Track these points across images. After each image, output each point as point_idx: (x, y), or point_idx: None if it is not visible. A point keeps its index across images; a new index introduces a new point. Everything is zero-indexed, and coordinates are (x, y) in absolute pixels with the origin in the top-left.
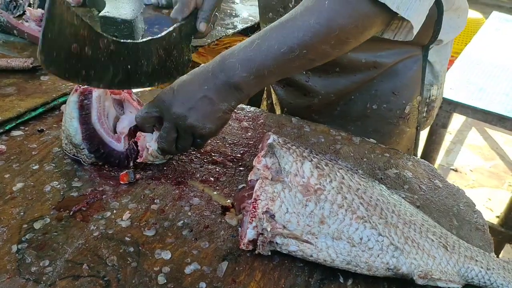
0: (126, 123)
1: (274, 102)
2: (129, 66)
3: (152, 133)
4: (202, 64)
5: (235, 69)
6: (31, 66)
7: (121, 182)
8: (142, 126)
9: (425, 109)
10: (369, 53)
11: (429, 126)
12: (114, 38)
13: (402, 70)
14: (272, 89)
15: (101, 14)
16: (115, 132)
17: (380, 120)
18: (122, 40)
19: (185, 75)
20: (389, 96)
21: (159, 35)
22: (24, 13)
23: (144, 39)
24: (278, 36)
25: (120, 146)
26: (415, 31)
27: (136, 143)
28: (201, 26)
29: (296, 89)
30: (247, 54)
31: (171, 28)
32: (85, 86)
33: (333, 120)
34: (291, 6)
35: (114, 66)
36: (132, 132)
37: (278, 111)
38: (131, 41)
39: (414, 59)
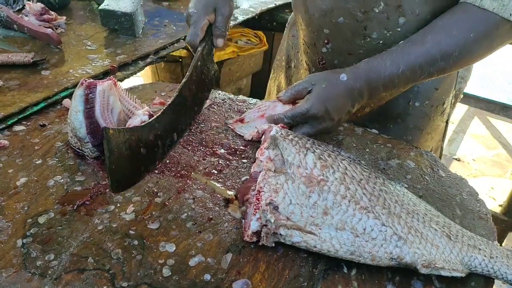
0: (137, 121)
1: None
2: (173, 129)
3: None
4: (343, 78)
5: (378, 91)
6: (31, 61)
7: None
8: (287, 124)
9: (454, 101)
10: None
11: None
12: (156, 115)
13: None
14: None
15: (101, 7)
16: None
17: (421, 116)
18: (161, 112)
19: (327, 89)
20: (432, 92)
21: (188, 74)
22: (23, 7)
23: (176, 92)
24: (424, 65)
25: None
26: None
27: None
28: (219, 43)
29: None
30: (393, 80)
31: (194, 60)
32: (91, 80)
33: (373, 117)
34: (377, 10)
35: (162, 140)
36: None
37: None
38: (168, 104)
39: None
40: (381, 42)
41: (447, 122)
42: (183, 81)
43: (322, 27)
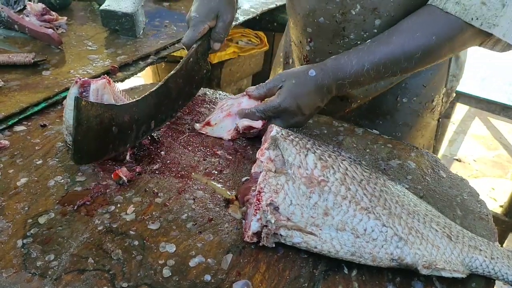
0: None
1: None
2: (151, 116)
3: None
4: (312, 73)
5: (345, 87)
6: (32, 61)
7: (113, 178)
8: (258, 118)
9: (446, 99)
10: None
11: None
12: (136, 99)
13: None
14: None
15: (101, 7)
16: None
17: (409, 113)
18: (141, 97)
19: (297, 85)
20: (419, 89)
21: (177, 67)
22: (24, 7)
23: (162, 82)
24: (388, 64)
25: None
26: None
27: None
28: (215, 47)
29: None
30: (358, 78)
31: (187, 55)
32: (85, 78)
33: (362, 113)
34: (354, 13)
35: (138, 124)
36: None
37: None
38: (150, 91)
39: None
40: (358, 42)
41: (439, 120)
42: (171, 72)
43: (306, 26)
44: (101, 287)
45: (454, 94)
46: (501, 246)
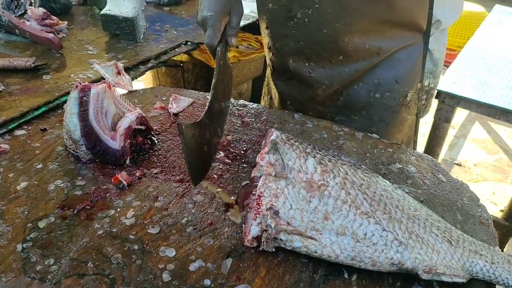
0: (125, 123)
1: (272, 97)
2: (215, 126)
3: None
4: None
5: None
6: (33, 65)
7: (113, 182)
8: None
9: (424, 96)
10: (372, 39)
11: (432, 120)
12: (203, 113)
13: (404, 58)
14: (272, 84)
15: (102, 12)
16: (114, 129)
17: (384, 108)
18: (205, 111)
19: None
20: (392, 85)
21: (216, 75)
22: (25, 12)
23: (211, 95)
24: None
25: (115, 144)
26: None
27: (132, 143)
28: (233, 41)
29: (299, 82)
30: None
31: (218, 60)
32: (85, 83)
33: (338, 110)
34: None
35: (213, 135)
36: (132, 133)
37: (276, 105)
38: (209, 105)
39: (416, 46)
40: (306, 20)
41: (417, 116)
42: (214, 82)
43: (263, 14)
44: None
45: (436, 91)
46: (502, 250)
